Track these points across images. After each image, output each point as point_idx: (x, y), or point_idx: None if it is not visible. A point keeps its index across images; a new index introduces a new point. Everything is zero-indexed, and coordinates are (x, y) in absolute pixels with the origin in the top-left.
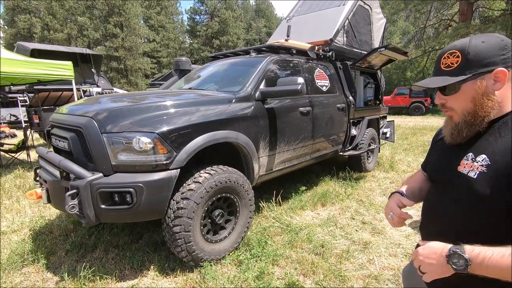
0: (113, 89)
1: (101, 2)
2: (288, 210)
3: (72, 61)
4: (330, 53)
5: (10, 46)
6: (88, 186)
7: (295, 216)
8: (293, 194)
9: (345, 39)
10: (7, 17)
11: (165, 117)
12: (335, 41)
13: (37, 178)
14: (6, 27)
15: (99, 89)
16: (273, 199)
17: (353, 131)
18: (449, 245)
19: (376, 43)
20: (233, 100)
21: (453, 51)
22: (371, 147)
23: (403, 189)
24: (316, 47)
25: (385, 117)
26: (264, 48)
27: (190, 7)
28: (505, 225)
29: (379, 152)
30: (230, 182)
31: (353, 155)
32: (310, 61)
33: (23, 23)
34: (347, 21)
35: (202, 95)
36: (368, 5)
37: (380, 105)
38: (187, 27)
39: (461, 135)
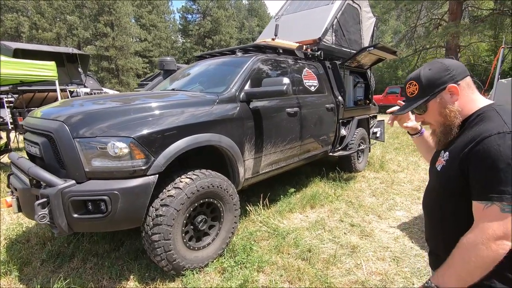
0: (102, 90)
1: (90, 1)
2: (276, 213)
3: (58, 61)
4: (319, 53)
5: None
6: (59, 194)
7: (283, 220)
8: (281, 196)
9: (334, 38)
10: None
11: (142, 121)
12: (324, 40)
13: (10, 185)
14: None
15: (87, 90)
16: (261, 202)
17: (343, 131)
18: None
19: (366, 42)
20: (216, 102)
21: (411, 81)
22: (361, 148)
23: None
24: (304, 47)
25: (375, 117)
26: (251, 48)
27: (182, 6)
28: (458, 207)
29: (369, 151)
30: (213, 187)
31: (343, 156)
32: (298, 61)
33: (10, 22)
34: (336, 20)
35: (184, 97)
36: (357, 4)
37: (370, 104)
38: (179, 26)
39: (441, 142)
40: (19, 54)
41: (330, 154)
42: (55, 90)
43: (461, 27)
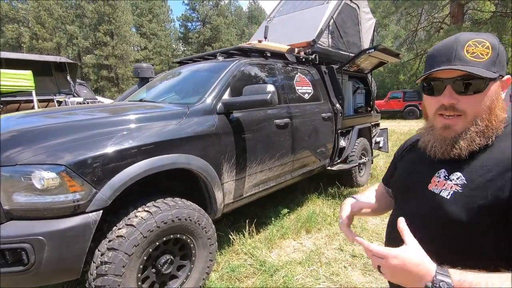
0: (96, 99)
1: (90, 10)
2: (265, 240)
3: (46, 70)
4: (313, 56)
5: None
6: None
7: (273, 249)
8: (273, 219)
9: (330, 40)
10: None
11: (81, 142)
12: (319, 42)
13: None
14: None
15: (80, 99)
16: (247, 229)
17: (342, 143)
18: (432, 269)
19: (366, 45)
20: (186, 115)
21: (481, 40)
22: (362, 160)
23: (358, 196)
24: (296, 50)
25: (377, 125)
26: (235, 51)
27: (182, 14)
28: (478, 249)
29: (372, 163)
30: (179, 220)
31: (343, 170)
32: (289, 66)
33: (11, 33)
34: (332, 20)
35: (145, 110)
36: (356, 4)
37: (372, 111)
38: (180, 34)
39: (461, 147)
40: (1, 63)
41: (328, 168)
42: (44, 100)
43: (463, 30)
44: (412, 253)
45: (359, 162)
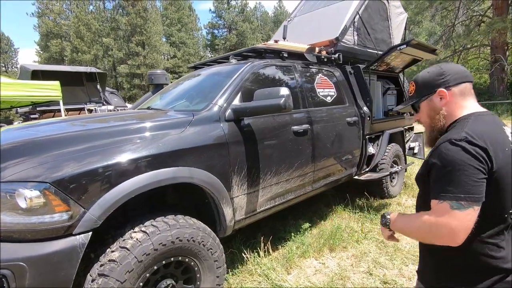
0: (126, 106)
1: (124, 23)
2: (283, 259)
3: (78, 81)
4: (337, 55)
5: None
6: None
7: (292, 269)
8: (292, 234)
9: (356, 37)
10: (42, 43)
11: (70, 156)
12: (343, 40)
13: None
14: (41, 51)
15: (111, 107)
16: (262, 247)
17: (371, 149)
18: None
19: (397, 41)
20: (190, 123)
21: (411, 82)
22: (394, 169)
23: None
24: (317, 49)
25: (411, 129)
26: (248, 53)
27: (209, 22)
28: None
29: (405, 171)
30: (180, 241)
31: (372, 179)
32: (309, 66)
33: (55, 47)
34: (358, 16)
35: (147, 119)
36: None
37: (405, 114)
38: (207, 41)
39: (428, 142)
40: (38, 75)
41: (356, 178)
42: (76, 109)
43: (508, 22)
44: None
45: (390, 171)
